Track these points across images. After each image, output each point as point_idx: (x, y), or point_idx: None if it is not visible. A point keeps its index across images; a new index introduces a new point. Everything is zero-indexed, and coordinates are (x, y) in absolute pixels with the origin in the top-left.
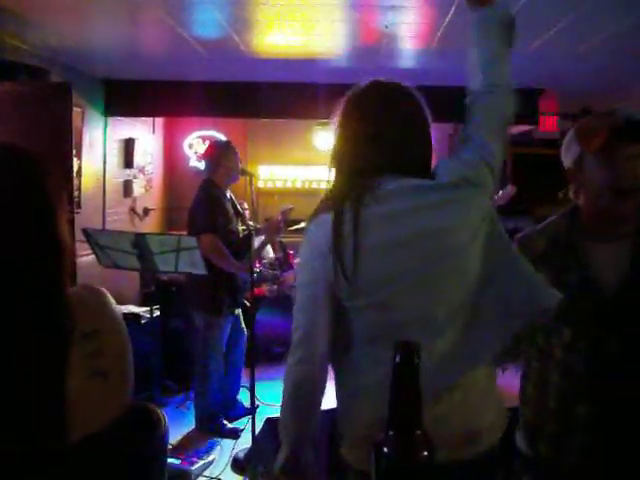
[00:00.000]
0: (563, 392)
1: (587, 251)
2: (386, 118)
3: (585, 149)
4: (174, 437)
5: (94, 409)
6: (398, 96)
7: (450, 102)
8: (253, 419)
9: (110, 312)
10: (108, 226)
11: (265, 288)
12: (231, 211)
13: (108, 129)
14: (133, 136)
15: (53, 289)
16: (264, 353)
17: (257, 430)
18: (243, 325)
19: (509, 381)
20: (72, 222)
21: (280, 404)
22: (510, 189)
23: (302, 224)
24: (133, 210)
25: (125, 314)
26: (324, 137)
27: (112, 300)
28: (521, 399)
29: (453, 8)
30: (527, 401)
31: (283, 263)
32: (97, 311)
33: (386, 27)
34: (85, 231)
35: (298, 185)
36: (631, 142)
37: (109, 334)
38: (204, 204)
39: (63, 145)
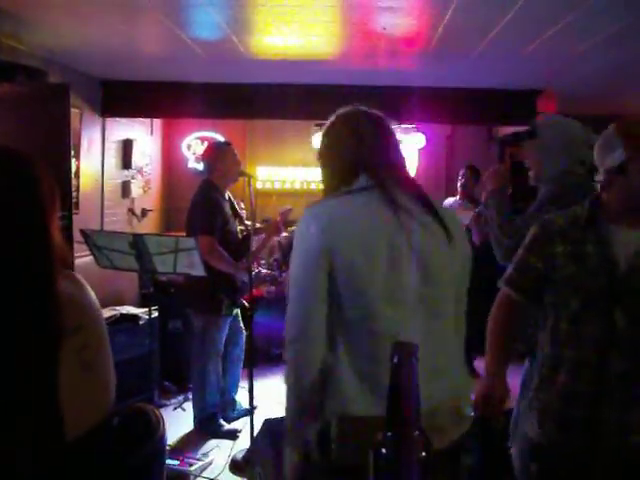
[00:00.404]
0: (572, 363)
1: (608, 231)
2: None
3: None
4: (172, 438)
5: (85, 404)
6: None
7: (448, 104)
8: (251, 420)
9: (91, 304)
10: (106, 227)
11: (264, 289)
12: (229, 212)
13: (106, 130)
14: (131, 137)
15: (44, 288)
16: (263, 354)
17: (255, 431)
18: (242, 325)
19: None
20: (69, 223)
21: (286, 406)
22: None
23: None
24: (131, 211)
25: (123, 315)
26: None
27: (90, 289)
28: (534, 386)
29: (451, 10)
30: (541, 384)
31: (282, 264)
32: (81, 305)
33: (384, 29)
34: (83, 232)
35: (297, 186)
36: None
37: (91, 327)
38: (202, 205)
39: (61, 146)
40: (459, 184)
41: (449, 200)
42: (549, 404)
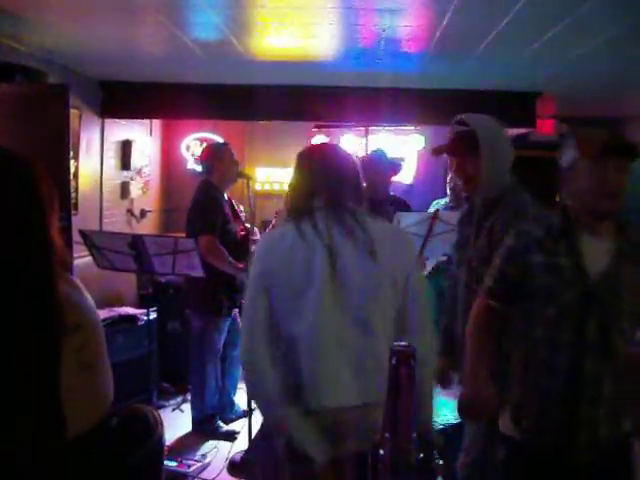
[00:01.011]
0: (547, 366)
1: (578, 241)
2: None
3: (581, 154)
4: (171, 439)
5: (84, 404)
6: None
7: (447, 105)
8: (250, 421)
9: (88, 305)
10: (105, 228)
11: None
12: (229, 213)
13: (105, 131)
14: (130, 138)
15: (45, 288)
16: None
17: (254, 433)
18: (241, 326)
19: None
20: (68, 223)
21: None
22: None
23: None
24: (130, 212)
25: (122, 316)
26: (322, 140)
27: (86, 291)
28: (510, 382)
29: (450, 12)
30: (512, 383)
31: None
32: (79, 306)
33: (383, 30)
34: (82, 232)
35: None
36: (617, 156)
37: (89, 327)
38: (202, 205)
39: (60, 147)
40: (448, 187)
41: (439, 202)
42: (524, 402)
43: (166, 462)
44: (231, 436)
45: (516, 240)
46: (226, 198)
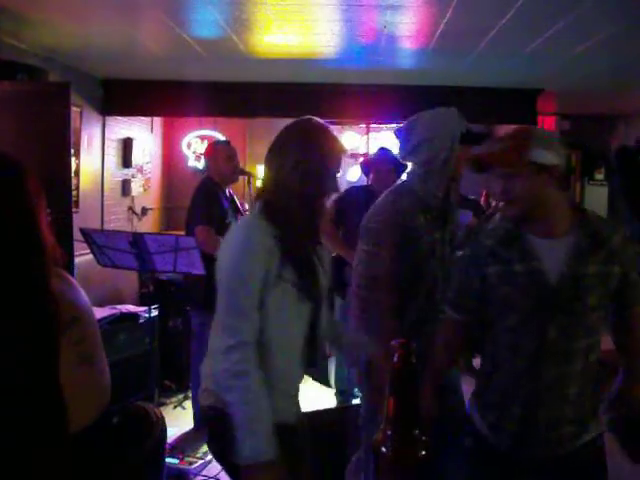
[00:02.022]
0: (509, 370)
1: (532, 245)
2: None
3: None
4: (172, 437)
5: (85, 398)
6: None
7: (448, 103)
8: None
9: (82, 300)
10: (106, 225)
11: None
12: (229, 207)
13: (106, 128)
14: (131, 135)
15: (38, 285)
16: None
17: None
18: None
19: None
20: (69, 221)
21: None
22: None
23: None
24: (131, 209)
25: (123, 313)
26: None
27: (79, 287)
28: (478, 385)
29: (451, 9)
30: (482, 383)
31: None
32: (73, 300)
33: (384, 27)
34: (83, 231)
35: None
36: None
37: (85, 321)
38: (200, 198)
39: (61, 144)
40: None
41: None
42: (490, 401)
43: (168, 459)
44: None
45: (470, 252)
46: (227, 194)
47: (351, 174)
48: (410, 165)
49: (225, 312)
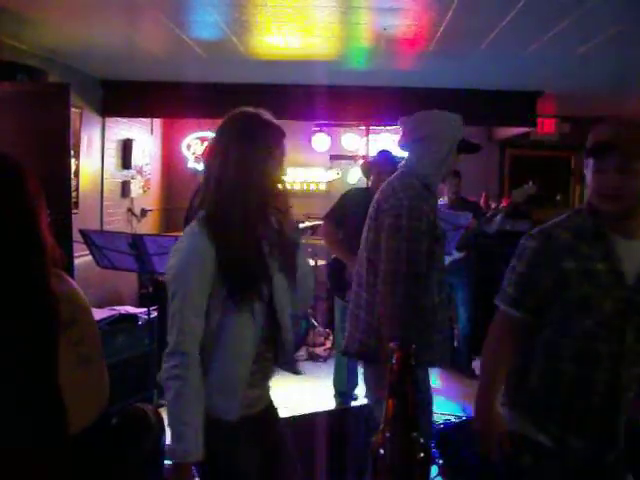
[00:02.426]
0: (583, 379)
1: (614, 244)
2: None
3: (586, 151)
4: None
5: (84, 398)
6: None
7: (447, 104)
8: None
9: (82, 300)
10: (105, 227)
11: None
12: None
13: (106, 130)
14: (131, 137)
15: (38, 285)
16: None
17: None
18: None
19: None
20: (69, 222)
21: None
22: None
23: (300, 224)
24: (131, 211)
25: (123, 315)
26: (322, 139)
27: (78, 288)
28: (523, 389)
29: (451, 11)
30: (534, 390)
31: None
32: (73, 301)
33: (384, 29)
34: (82, 232)
35: (296, 187)
36: (598, 158)
37: (85, 322)
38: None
39: (61, 145)
40: (453, 190)
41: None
42: (551, 414)
43: (166, 461)
44: None
45: (543, 244)
46: None
47: (351, 176)
48: (407, 155)
49: (170, 318)
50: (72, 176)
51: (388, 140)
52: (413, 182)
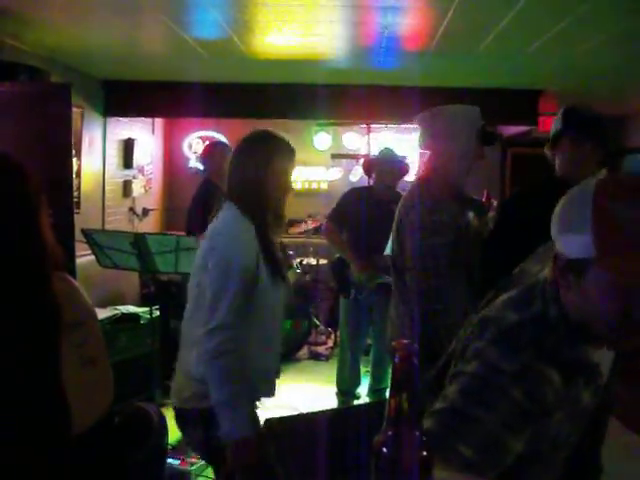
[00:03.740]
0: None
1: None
2: None
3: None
4: (174, 437)
5: (87, 400)
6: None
7: (448, 103)
8: None
9: (85, 302)
10: (107, 226)
11: None
12: None
13: (107, 129)
14: (133, 136)
15: (39, 287)
16: None
17: None
18: None
19: None
20: (71, 222)
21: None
22: None
23: (302, 225)
24: (132, 210)
25: (125, 314)
26: (323, 138)
27: (82, 289)
28: None
29: (452, 10)
30: None
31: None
32: (76, 302)
33: (385, 28)
34: (84, 231)
35: (298, 186)
36: None
37: (89, 323)
38: (199, 203)
39: (62, 145)
40: None
41: None
42: None
43: (169, 460)
44: None
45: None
46: None
47: (353, 174)
48: (428, 154)
49: (212, 297)
50: (74, 176)
51: (389, 138)
52: (431, 189)
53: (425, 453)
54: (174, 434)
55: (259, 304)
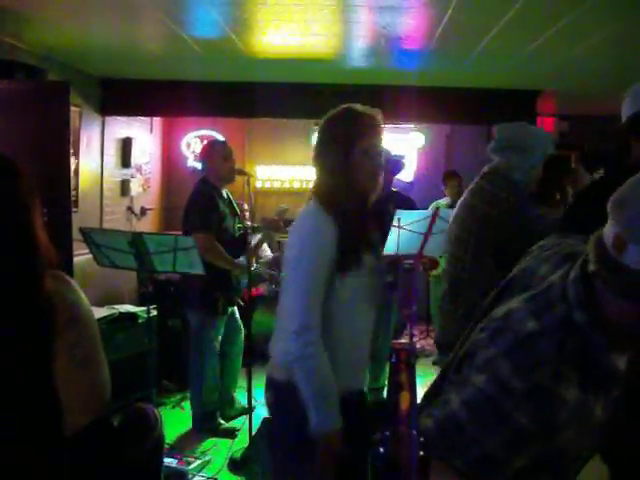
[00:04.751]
0: None
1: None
2: None
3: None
4: (171, 437)
5: (82, 400)
6: None
7: (447, 104)
8: (250, 419)
9: (81, 300)
10: (105, 225)
11: (263, 288)
12: (226, 210)
13: (105, 128)
14: (131, 135)
15: (31, 287)
16: (261, 353)
17: (254, 430)
18: (240, 323)
19: None
20: (69, 221)
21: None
22: None
23: None
24: (130, 209)
25: (122, 313)
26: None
27: (78, 287)
28: None
29: (450, 9)
30: None
31: (280, 263)
32: (70, 301)
33: (384, 28)
34: (82, 230)
35: (296, 185)
36: None
37: (83, 323)
38: (197, 203)
39: (60, 144)
40: (454, 192)
41: (439, 202)
42: None
43: (166, 459)
44: (231, 433)
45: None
46: (225, 196)
47: None
48: (497, 159)
49: (292, 299)
50: (72, 175)
51: (388, 138)
52: (501, 184)
53: (422, 452)
54: (171, 433)
55: (345, 299)
